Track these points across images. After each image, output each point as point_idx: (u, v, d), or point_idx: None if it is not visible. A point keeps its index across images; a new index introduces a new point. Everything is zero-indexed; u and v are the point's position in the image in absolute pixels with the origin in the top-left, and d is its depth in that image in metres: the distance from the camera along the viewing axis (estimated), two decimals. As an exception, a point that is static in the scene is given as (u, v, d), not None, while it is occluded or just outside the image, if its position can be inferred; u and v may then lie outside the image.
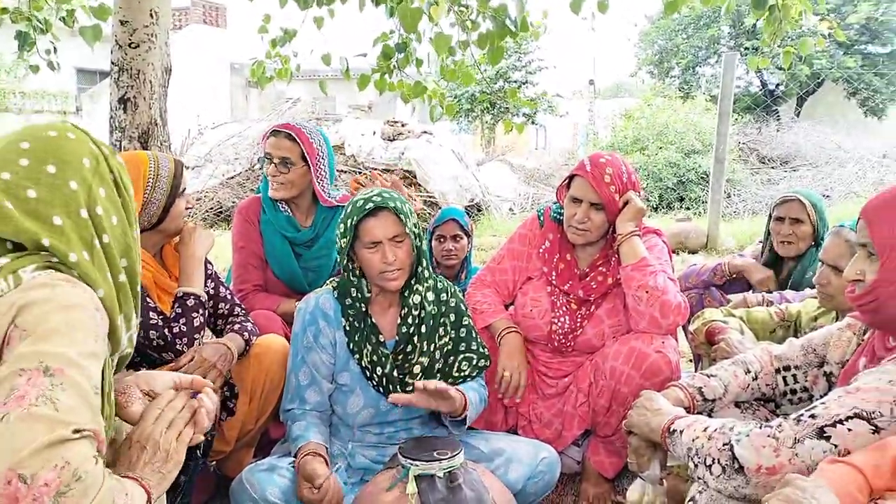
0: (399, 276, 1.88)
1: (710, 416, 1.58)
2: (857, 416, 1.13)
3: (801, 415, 1.19)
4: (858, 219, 1.31)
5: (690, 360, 2.95)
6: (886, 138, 15.23)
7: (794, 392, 1.58)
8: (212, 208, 8.46)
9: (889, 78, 17.58)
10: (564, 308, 2.25)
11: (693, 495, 1.30)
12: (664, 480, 1.49)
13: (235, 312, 2.17)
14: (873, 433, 1.12)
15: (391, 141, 8.12)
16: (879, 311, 1.26)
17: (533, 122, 19.40)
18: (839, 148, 11.66)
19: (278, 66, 4.84)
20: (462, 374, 2.00)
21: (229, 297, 2.18)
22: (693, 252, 6.52)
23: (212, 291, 2.12)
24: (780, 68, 16.77)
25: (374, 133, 8.29)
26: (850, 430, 1.13)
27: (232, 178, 8.93)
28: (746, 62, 4.25)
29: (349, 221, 1.86)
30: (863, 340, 1.44)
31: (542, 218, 2.38)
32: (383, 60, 4.57)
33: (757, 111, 14.57)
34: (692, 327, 2.26)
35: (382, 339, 1.93)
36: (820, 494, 0.94)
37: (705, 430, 1.28)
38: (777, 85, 18.35)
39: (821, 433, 1.15)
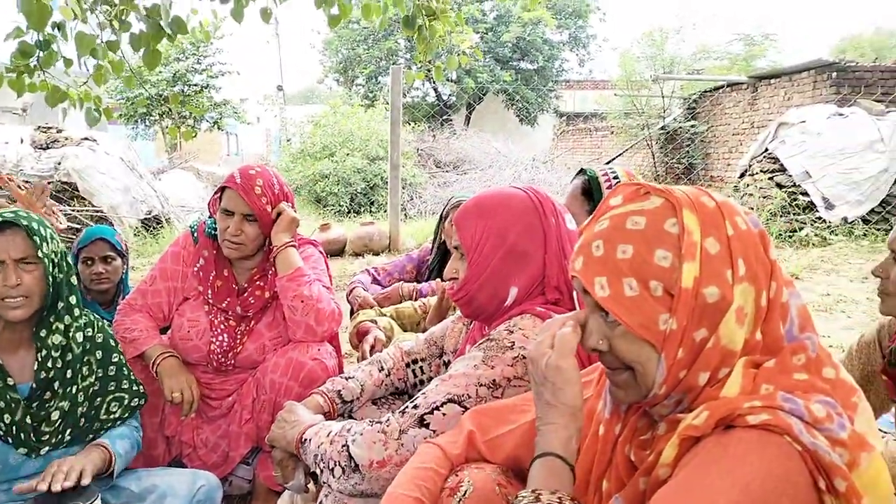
0: (23, 306, 1.63)
1: (350, 416, 1.67)
2: (450, 401, 1.28)
3: (407, 407, 1.31)
4: (453, 224, 1.49)
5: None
6: (537, 144, 17.80)
7: (422, 383, 1.74)
8: None
9: (538, 91, 20.54)
10: (223, 326, 2.19)
11: (321, 499, 1.35)
12: (309, 488, 1.53)
13: None
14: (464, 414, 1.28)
15: (45, 149, 7.11)
16: (471, 304, 1.44)
17: (220, 128, 18.62)
18: (500, 153, 13.26)
19: None
20: (112, 415, 1.82)
21: None
22: (377, 253, 6.86)
23: None
24: (451, 80, 18.55)
25: (23, 140, 7.17)
26: (444, 414, 1.27)
27: None
28: (405, 77, 4.59)
29: None
30: (469, 330, 1.64)
31: (195, 234, 2.29)
32: (20, 58, 3.98)
33: (428, 120, 15.92)
34: (349, 329, 2.37)
35: (12, 383, 1.66)
36: None
37: (328, 434, 1.34)
38: (449, 96, 20.23)
39: (421, 421, 1.27)
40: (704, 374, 0.88)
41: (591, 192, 2.17)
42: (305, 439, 1.41)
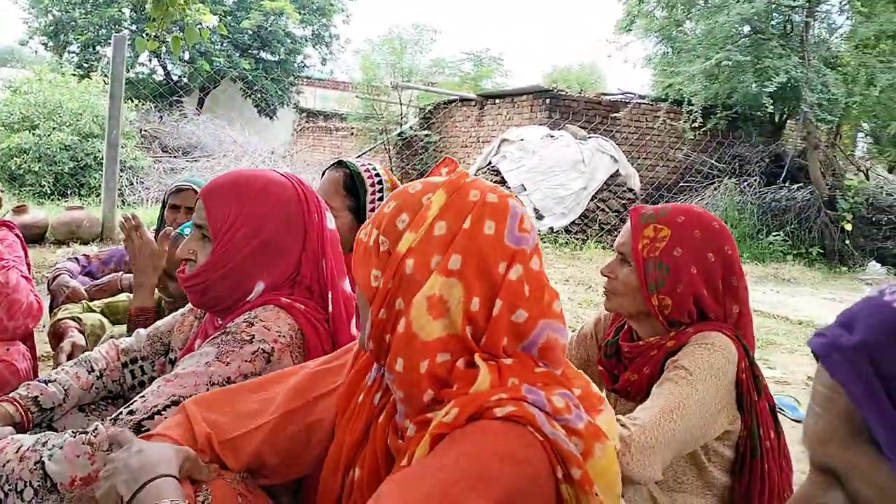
0: None
1: (50, 426, 1.41)
2: (174, 403, 1.13)
3: (121, 412, 1.14)
4: (197, 200, 1.33)
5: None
6: (276, 137, 17.38)
7: (142, 384, 1.53)
8: None
9: (279, 83, 20.00)
10: None
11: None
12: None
13: None
14: None
15: None
16: (206, 293, 1.30)
17: None
18: (235, 142, 12.66)
19: None
20: None
21: None
22: (86, 242, 6.07)
23: None
24: (183, 60, 17.27)
25: None
26: (166, 419, 1.12)
27: None
28: (136, 45, 4.13)
29: None
30: (201, 323, 1.49)
31: None
32: None
33: (156, 100, 14.67)
34: (48, 326, 2.04)
35: None
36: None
37: (18, 451, 1.10)
38: (180, 77, 18.77)
39: (139, 428, 1.11)
40: (401, 360, 0.88)
41: (353, 188, 1.99)
42: (-14, 457, 1.15)
